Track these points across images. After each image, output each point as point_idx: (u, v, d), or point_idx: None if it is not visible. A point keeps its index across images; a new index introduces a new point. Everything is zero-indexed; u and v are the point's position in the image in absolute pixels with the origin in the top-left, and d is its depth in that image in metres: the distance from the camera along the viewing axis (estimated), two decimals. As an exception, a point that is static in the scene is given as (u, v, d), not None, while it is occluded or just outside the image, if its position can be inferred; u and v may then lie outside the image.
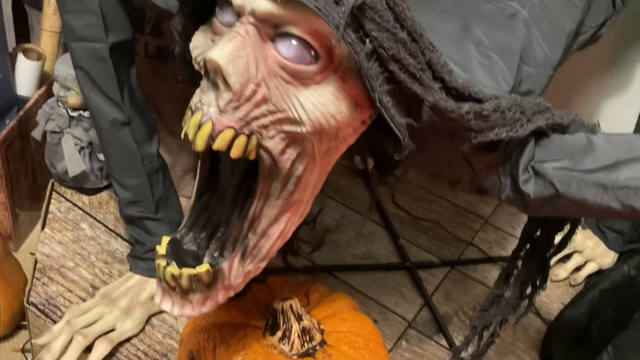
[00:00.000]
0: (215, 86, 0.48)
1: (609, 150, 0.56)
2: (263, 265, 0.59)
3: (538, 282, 0.75)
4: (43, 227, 1.07)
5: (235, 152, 0.49)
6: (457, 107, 0.51)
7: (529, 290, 0.77)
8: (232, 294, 0.59)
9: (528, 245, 0.73)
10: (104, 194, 1.15)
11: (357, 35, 0.46)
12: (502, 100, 0.55)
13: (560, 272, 1.19)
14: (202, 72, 0.49)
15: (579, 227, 1.21)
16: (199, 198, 0.58)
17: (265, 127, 0.49)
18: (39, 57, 1.21)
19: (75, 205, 1.12)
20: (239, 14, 0.49)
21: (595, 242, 1.21)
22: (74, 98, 1.04)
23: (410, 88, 0.49)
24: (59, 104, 1.06)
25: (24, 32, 1.49)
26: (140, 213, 0.91)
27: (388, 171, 0.61)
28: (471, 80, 0.58)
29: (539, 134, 0.58)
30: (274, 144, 0.50)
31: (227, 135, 0.48)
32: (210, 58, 0.46)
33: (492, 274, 1.18)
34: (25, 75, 1.19)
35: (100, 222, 1.10)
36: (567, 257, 1.21)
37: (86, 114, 1.06)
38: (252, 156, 0.50)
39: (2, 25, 1.09)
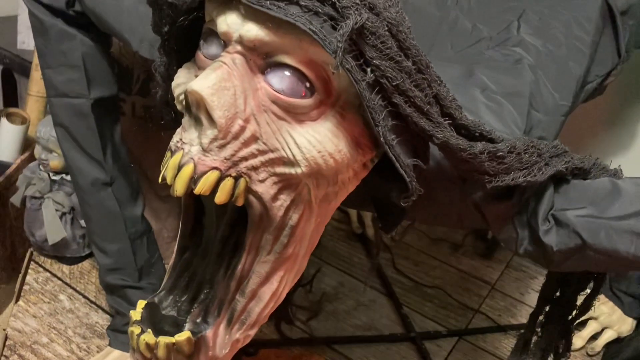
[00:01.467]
0: (198, 122, 0.42)
1: (638, 195, 0.50)
2: (253, 332, 0.51)
3: (561, 350, 0.68)
4: (17, 300, 0.99)
5: (220, 197, 0.43)
6: (470, 146, 0.46)
7: (550, 360, 0.69)
8: (217, 366, 0.51)
9: (547, 308, 0.66)
10: (86, 263, 1.08)
11: (358, 64, 0.41)
12: (517, 142, 0.50)
13: (576, 340, 1.10)
14: (184, 109, 0.44)
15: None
16: (180, 255, 0.51)
17: (255, 168, 0.43)
18: (24, 121, 1.17)
19: (54, 275, 1.05)
20: (225, 44, 0.44)
21: (610, 308, 1.14)
22: (56, 161, 0.99)
23: (417, 123, 0.44)
24: (41, 167, 1.01)
25: (13, 100, 1.47)
26: (122, 281, 0.84)
27: (392, 224, 0.55)
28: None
29: (559, 180, 0.53)
30: (265, 188, 0.44)
31: (212, 177, 0.42)
32: (192, 89, 0.41)
33: (503, 343, 1.10)
34: (8, 140, 1.14)
35: (80, 294, 1.02)
36: (582, 324, 1.14)
37: (69, 177, 1.01)
38: (240, 202, 0.44)
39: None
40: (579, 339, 1.11)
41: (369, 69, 0.41)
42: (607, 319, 1.13)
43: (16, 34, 1.48)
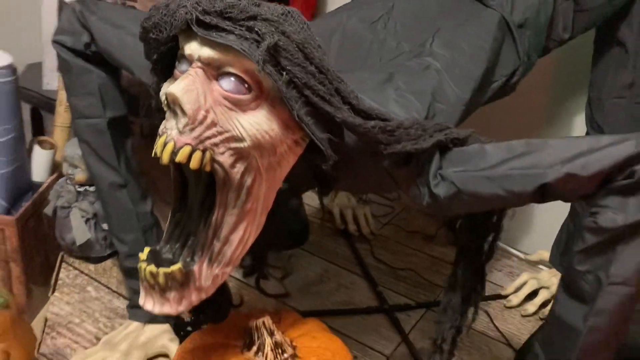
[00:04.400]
0: (174, 114, 0.63)
1: (495, 153, 0.69)
2: (228, 270, 0.72)
3: (478, 288, 0.87)
4: (53, 292, 1.20)
5: (193, 164, 0.63)
6: (364, 123, 0.66)
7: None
8: (203, 296, 0.71)
9: (462, 255, 0.85)
10: (108, 262, 1.28)
11: (276, 69, 0.62)
12: (405, 121, 0.70)
13: (529, 307, 1.28)
14: (166, 107, 0.65)
15: (547, 267, 1.33)
16: (173, 216, 0.72)
17: (216, 145, 0.64)
18: (52, 147, 1.39)
19: (82, 272, 1.26)
20: (190, 62, 0.66)
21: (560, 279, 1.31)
22: (80, 175, 1.21)
23: (322, 108, 0.64)
24: (68, 181, 1.23)
25: (40, 132, 1.70)
26: (137, 265, 1.04)
27: (328, 189, 0.75)
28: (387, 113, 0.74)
29: (443, 148, 0.73)
30: (224, 158, 0.65)
31: (186, 150, 0.63)
32: (169, 92, 0.62)
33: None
34: (39, 163, 1.36)
35: (104, 285, 1.22)
36: (536, 293, 1.31)
37: (92, 188, 1.22)
38: (207, 168, 0.64)
39: (22, 125, 1.28)
40: (532, 306, 1.28)
41: (284, 73, 0.62)
42: (557, 288, 1.30)
43: (41, 77, 1.72)
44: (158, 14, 0.65)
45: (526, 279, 1.33)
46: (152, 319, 1.03)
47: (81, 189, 1.23)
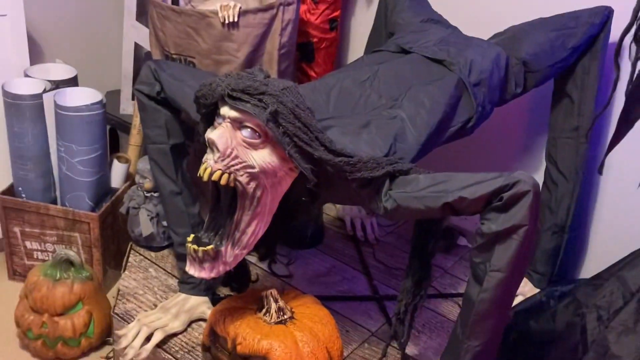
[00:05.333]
0: (212, 150, 1.00)
1: (424, 181, 1.02)
2: (245, 252, 1.08)
3: (425, 277, 1.20)
4: (124, 270, 1.59)
5: (222, 182, 0.99)
6: (334, 158, 1.01)
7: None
8: (228, 268, 1.07)
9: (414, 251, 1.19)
10: (165, 251, 1.67)
11: (276, 125, 0.98)
12: (364, 157, 1.04)
13: None
14: (208, 145, 1.02)
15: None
16: (210, 214, 1.09)
17: (237, 170, 1.00)
18: (127, 161, 1.80)
19: (146, 257, 1.65)
20: (223, 118, 1.03)
21: (524, 282, 1.61)
22: (148, 184, 1.60)
23: (305, 149, 1.00)
24: (138, 188, 1.63)
25: (116, 148, 2.11)
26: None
27: (315, 199, 1.11)
28: (357, 151, 1.08)
29: (392, 176, 1.06)
30: (243, 178, 1.01)
31: (218, 173, 0.99)
32: (210, 137, 0.99)
33: (443, 305, 1.59)
34: (117, 174, 1.77)
35: (161, 268, 1.61)
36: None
37: (156, 194, 1.61)
38: (232, 184, 1.00)
39: (106, 144, 1.68)
40: None
41: (280, 127, 0.98)
42: (520, 289, 1.60)
43: (119, 103, 2.15)
44: (205, 88, 1.03)
45: None
46: (196, 292, 1.40)
47: (148, 194, 1.62)
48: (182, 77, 1.30)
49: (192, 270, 1.06)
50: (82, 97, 1.60)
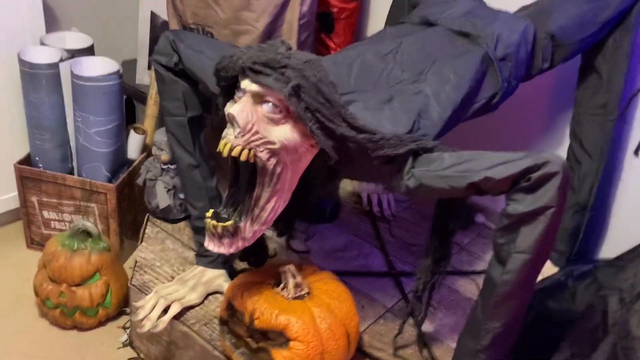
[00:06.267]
0: (232, 125, 0.98)
1: (449, 159, 1.00)
2: (264, 228, 1.07)
3: (445, 256, 1.18)
4: (141, 242, 1.59)
5: (242, 158, 0.97)
6: (356, 135, 0.99)
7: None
8: (247, 244, 1.06)
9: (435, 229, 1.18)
10: (182, 224, 1.67)
11: (298, 100, 0.95)
12: (387, 134, 1.02)
13: None
14: (228, 119, 1.00)
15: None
16: (229, 189, 1.07)
17: (258, 145, 0.98)
18: (143, 132, 1.79)
19: (162, 229, 1.64)
20: (244, 92, 1.00)
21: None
22: (164, 156, 1.59)
23: (327, 125, 0.97)
24: (155, 160, 1.62)
25: (132, 118, 2.10)
26: (203, 225, 1.41)
27: (335, 177, 1.09)
28: (379, 127, 1.06)
29: (416, 153, 1.04)
30: (263, 154, 0.99)
31: (238, 149, 0.97)
32: (229, 112, 0.96)
33: (459, 282, 1.58)
34: (134, 144, 1.76)
35: (178, 240, 1.61)
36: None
37: (173, 166, 1.60)
38: (251, 160, 0.98)
39: (123, 115, 1.67)
40: None
41: (302, 102, 0.96)
42: None
43: (135, 73, 2.13)
44: (226, 61, 1.00)
45: None
46: (213, 265, 1.40)
47: (165, 167, 1.61)
48: (201, 48, 1.28)
49: (211, 245, 1.05)
50: (98, 66, 1.58)
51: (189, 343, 1.34)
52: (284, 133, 0.99)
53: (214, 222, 1.03)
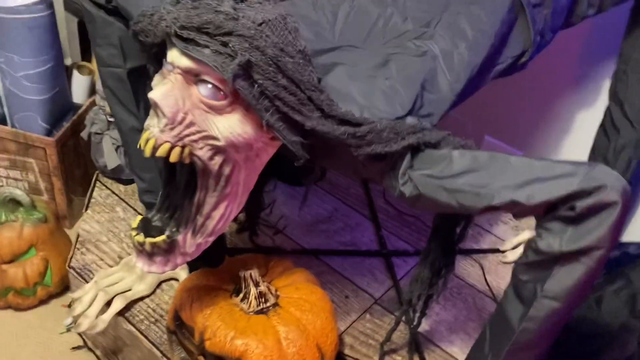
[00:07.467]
0: (157, 114, 0.70)
1: (460, 162, 0.73)
2: (211, 239, 0.81)
3: (448, 266, 0.93)
4: (86, 209, 1.34)
5: (172, 158, 0.70)
6: (334, 129, 0.71)
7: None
8: (188, 259, 0.81)
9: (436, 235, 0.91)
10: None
11: (249, 82, 0.66)
12: (378, 124, 0.74)
13: (508, 255, 1.34)
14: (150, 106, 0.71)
15: (529, 230, 1.36)
16: (164, 189, 0.81)
17: (195, 141, 0.70)
18: (90, 72, 1.48)
19: (113, 192, 1.39)
20: (173, 66, 0.71)
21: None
22: (111, 107, 1.30)
23: (292, 117, 0.69)
24: (101, 111, 1.33)
25: (87, 45, 1.78)
26: (154, 200, 1.13)
27: (308, 173, 0.81)
28: (368, 107, 0.78)
29: (416, 149, 0.76)
30: (203, 152, 0.71)
31: (165, 147, 0.70)
32: (150, 97, 0.68)
33: (461, 263, 1.34)
34: (78, 87, 1.47)
35: (131, 207, 1.35)
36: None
37: (121, 119, 1.31)
38: (186, 161, 0.71)
39: (61, 53, 1.36)
40: (511, 254, 1.34)
41: (256, 86, 0.67)
42: None
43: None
44: (144, 21, 0.70)
45: (527, 237, 1.38)
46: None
47: (112, 119, 1.33)
48: (138, -19, 0.96)
49: (140, 264, 0.80)
50: (23, -7, 1.26)
51: (135, 343, 1.12)
52: (231, 125, 0.71)
53: (140, 237, 0.77)
